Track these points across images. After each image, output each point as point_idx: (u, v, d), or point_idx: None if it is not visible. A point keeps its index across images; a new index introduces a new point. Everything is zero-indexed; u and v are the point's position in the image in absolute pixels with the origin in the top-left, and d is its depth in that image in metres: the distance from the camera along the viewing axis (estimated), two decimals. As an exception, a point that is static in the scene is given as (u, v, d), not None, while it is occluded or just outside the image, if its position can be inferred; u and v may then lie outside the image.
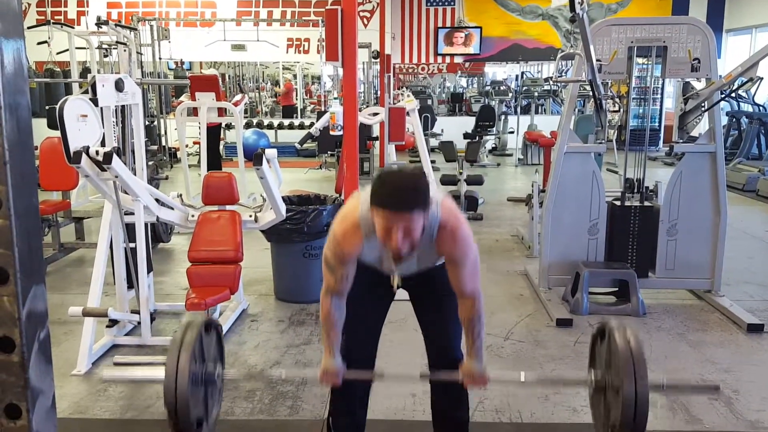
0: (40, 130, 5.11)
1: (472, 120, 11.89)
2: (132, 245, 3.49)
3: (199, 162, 7.07)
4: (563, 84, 11.13)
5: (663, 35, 4.05)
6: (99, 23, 7.87)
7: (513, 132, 12.10)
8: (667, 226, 4.21)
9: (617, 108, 6.68)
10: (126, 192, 3.39)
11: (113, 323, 3.56)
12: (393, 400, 2.99)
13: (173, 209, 3.82)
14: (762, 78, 4.65)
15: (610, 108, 5.87)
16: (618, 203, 4.32)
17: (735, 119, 10.09)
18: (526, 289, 4.54)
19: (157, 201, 3.67)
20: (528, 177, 9.18)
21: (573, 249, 4.22)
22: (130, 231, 3.48)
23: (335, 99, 11.57)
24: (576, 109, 8.73)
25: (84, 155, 2.97)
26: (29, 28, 8.86)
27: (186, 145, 7.11)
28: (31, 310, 0.83)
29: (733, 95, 8.12)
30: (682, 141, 4.43)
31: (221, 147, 11.17)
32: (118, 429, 2.85)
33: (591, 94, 4.34)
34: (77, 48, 8.65)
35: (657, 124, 4.44)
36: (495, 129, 12.03)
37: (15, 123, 0.80)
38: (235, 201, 3.87)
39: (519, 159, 11.36)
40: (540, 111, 13.37)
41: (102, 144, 3.16)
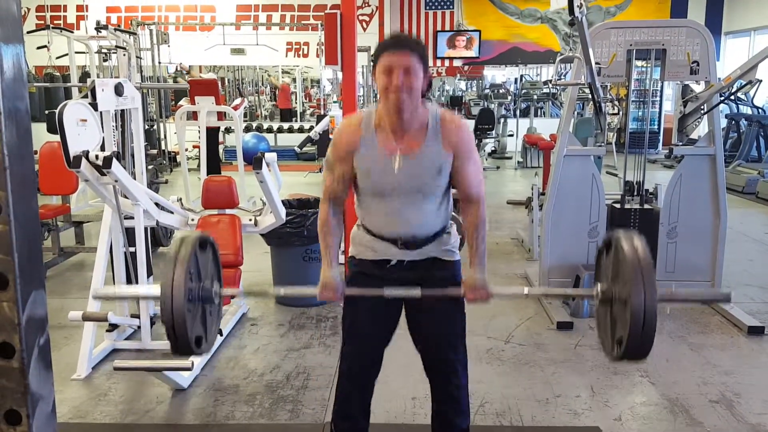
0: (39, 134, 5.11)
1: (471, 123, 11.89)
2: (132, 249, 3.49)
3: (199, 166, 7.07)
4: (562, 87, 11.14)
5: (662, 38, 4.05)
6: (98, 28, 7.89)
7: (512, 135, 12.11)
8: (667, 228, 4.21)
9: (617, 111, 6.68)
10: (126, 196, 3.39)
11: (113, 327, 3.56)
12: (393, 402, 2.98)
13: (173, 213, 3.82)
14: (761, 80, 4.65)
15: (609, 111, 5.86)
16: (618, 206, 4.32)
17: (734, 122, 10.10)
18: (526, 292, 4.52)
19: (157, 205, 3.67)
20: (527, 180, 9.18)
21: (573, 252, 4.21)
22: (129, 235, 3.48)
23: (335, 103, 11.57)
24: (575, 112, 8.74)
25: (84, 160, 2.97)
26: (29, 32, 8.87)
27: (186, 149, 7.11)
28: (31, 315, 0.83)
29: (732, 98, 8.13)
30: (681, 144, 4.44)
31: (221, 150, 11.18)
32: (118, 434, 2.85)
33: (590, 97, 4.34)
34: (77, 52, 8.65)
35: (656, 126, 4.44)
36: (494, 132, 12.03)
37: (14, 128, 0.80)
38: (235, 205, 3.87)
39: (518, 162, 11.37)
40: (539, 114, 13.38)
41: (102, 148, 3.16)
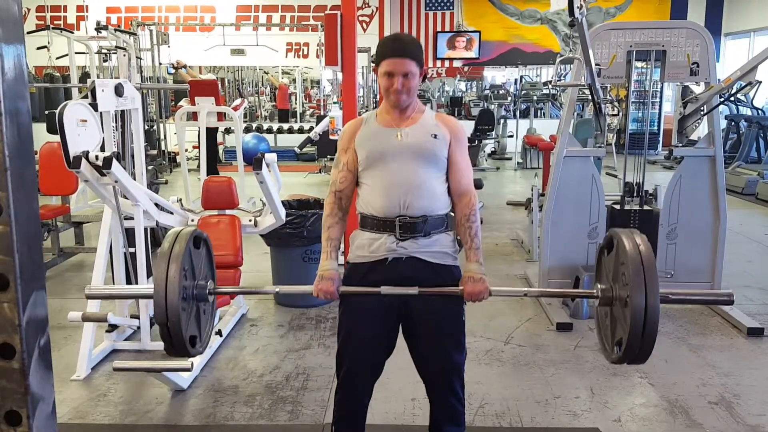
0: (39, 134, 5.12)
1: (471, 124, 11.90)
2: (132, 250, 3.49)
3: (199, 166, 7.07)
4: (562, 88, 11.14)
5: (662, 39, 4.05)
6: (98, 28, 7.89)
7: (512, 136, 12.10)
8: (667, 229, 4.21)
9: (616, 112, 6.69)
10: (125, 197, 3.39)
11: (113, 328, 3.56)
12: (392, 404, 2.98)
13: (173, 214, 3.82)
14: (761, 81, 4.66)
15: (609, 112, 5.87)
16: (617, 207, 4.32)
17: (734, 123, 10.11)
18: (525, 293, 4.52)
19: (157, 205, 3.67)
20: (527, 181, 9.19)
21: (573, 253, 4.21)
22: (129, 236, 3.48)
23: (335, 103, 11.56)
24: (575, 113, 8.74)
25: (84, 160, 2.97)
26: (29, 32, 8.86)
27: (185, 150, 7.11)
28: (32, 316, 0.83)
29: (732, 99, 8.13)
30: (681, 145, 4.44)
31: (220, 151, 11.17)
32: (117, 434, 2.85)
33: (590, 98, 4.34)
34: (77, 53, 8.64)
35: (656, 127, 4.46)
36: (494, 133, 12.04)
37: (15, 129, 0.80)
38: (235, 205, 3.87)
39: (518, 163, 11.37)
40: (539, 115, 13.37)
41: (102, 149, 3.16)
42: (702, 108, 4.21)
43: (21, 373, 0.82)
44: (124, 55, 4.72)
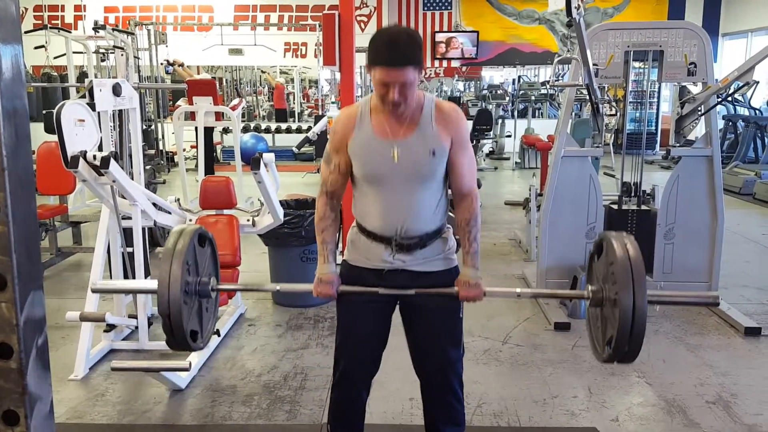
0: (37, 134, 5.10)
1: (469, 124, 11.90)
2: (129, 250, 3.49)
3: (197, 166, 7.06)
4: (560, 88, 11.16)
5: (659, 39, 4.06)
6: (96, 27, 7.86)
7: (510, 136, 12.11)
8: (665, 229, 4.22)
9: (614, 112, 6.71)
10: (123, 196, 3.39)
11: (111, 328, 3.55)
12: (390, 403, 2.98)
13: (170, 213, 3.82)
14: (758, 82, 4.68)
15: (607, 112, 5.88)
16: (615, 207, 4.33)
17: (731, 123, 10.12)
18: (523, 293, 4.52)
19: (155, 205, 3.67)
20: (525, 181, 9.19)
21: (570, 253, 4.22)
22: (127, 235, 3.48)
23: (333, 103, 11.55)
24: (573, 113, 8.74)
25: (81, 160, 2.97)
26: (26, 32, 8.84)
27: (183, 149, 7.10)
28: (29, 316, 0.83)
29: (730, 99, 8.14)
30: (678, 145, 4.45)
31: (218, 151, 11.16)
32: (115, 434, 2.84)
33: (588, 98, 4.35)
34: (74, 52, 8.63)
35: (654, 127, 4.46)
36: (492, 133, 12.04)
37: (13, 129, 0.80)
38: (233, 205, 3.87)
39: (516, 163, 11.38)
40: (537, 115, 13.39)
41: (99, 148, 3.16)
42: (699, 108, 4.22)
43: (19, 373, 0.82)
44: (121, 55, 4.72)
